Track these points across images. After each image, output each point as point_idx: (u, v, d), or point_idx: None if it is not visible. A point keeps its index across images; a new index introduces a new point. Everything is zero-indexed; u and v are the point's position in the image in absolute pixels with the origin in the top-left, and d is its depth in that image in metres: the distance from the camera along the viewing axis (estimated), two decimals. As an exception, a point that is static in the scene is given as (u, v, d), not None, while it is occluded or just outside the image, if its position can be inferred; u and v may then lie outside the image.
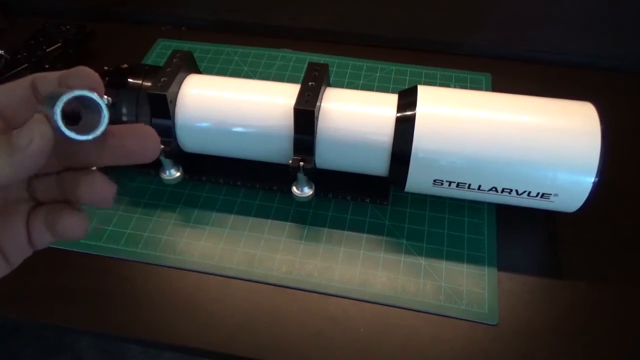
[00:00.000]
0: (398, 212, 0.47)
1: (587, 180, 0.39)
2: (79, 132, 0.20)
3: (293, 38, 0.65)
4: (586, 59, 0.61)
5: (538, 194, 0.40)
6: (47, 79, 0.23)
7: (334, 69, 0.61)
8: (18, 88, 0.23)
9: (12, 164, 0.20)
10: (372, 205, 0.48)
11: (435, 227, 0.46)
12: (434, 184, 0.42)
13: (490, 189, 0.41)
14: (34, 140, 0.20)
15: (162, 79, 0.43)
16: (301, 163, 0.42)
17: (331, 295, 0.42)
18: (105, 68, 0.46)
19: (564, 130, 0.39)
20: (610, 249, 0.45)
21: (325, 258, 0.44)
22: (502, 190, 0.41)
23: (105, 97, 0.21)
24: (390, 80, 0.60)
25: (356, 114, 0.42)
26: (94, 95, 0.21)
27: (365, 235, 0.46)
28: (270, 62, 0.63)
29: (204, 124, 0.44)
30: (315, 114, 0.41)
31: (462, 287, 0.42)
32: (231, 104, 0.44)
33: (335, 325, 0.40)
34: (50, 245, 0.46)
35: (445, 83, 0.59)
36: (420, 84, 0.47)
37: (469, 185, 0.41)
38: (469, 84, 0.59)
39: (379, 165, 0.43)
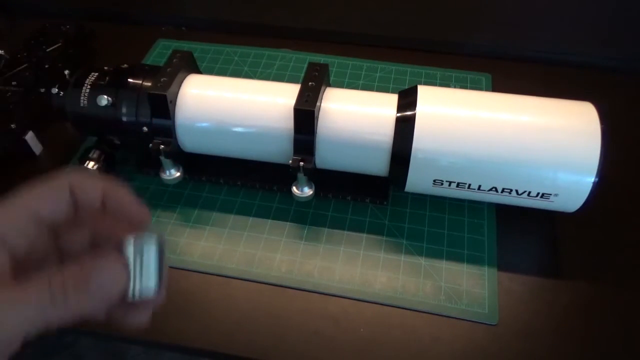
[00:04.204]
0: (398, 212, 0.47)
1: (587, 180, 0.39)
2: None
3: (293, 38, 0.65)
4: (586, 59, 0.61)
5: (538, 194, 0.40)
6: (87, 187, 0.22)
7: (334, 69, 0.61)
8: (23, 216, 0.21)
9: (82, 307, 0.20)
10: (372, 205, 0.48)
11: (435, 227, 0.46)
12: (434, 184, 0.42)
13: (490, 189, 0.41)
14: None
15: (162, 79, 0.43)
16: (301, 163, 0.42)
17: (331, 295, 0.42)
18: (105, 68, 0.46)
19: (564, 130, 0.39)
20: (610, 249, 0.45)
21: (325, 258, 0.44)
22: (502, 190, 0.41)
23: None
24: (390, 80, 0.60)
25: (356, 114, 0.42)
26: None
27: (365, 235, 0.46)
28: (270, 62, 0.63)
29: (204, 124, 0.44)
30: (315, 114, 0.41)
31: (462, 287, 0.42)
32: (231, 104, 0.44)
33: (335, 325, 0.40)
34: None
35: (445, 83, 0.59)
36: (420, 84, 0.47)
37: (469, 185, 0.41)
38: (469, 84, 0.59)
39: (379, 165, 0.43)
